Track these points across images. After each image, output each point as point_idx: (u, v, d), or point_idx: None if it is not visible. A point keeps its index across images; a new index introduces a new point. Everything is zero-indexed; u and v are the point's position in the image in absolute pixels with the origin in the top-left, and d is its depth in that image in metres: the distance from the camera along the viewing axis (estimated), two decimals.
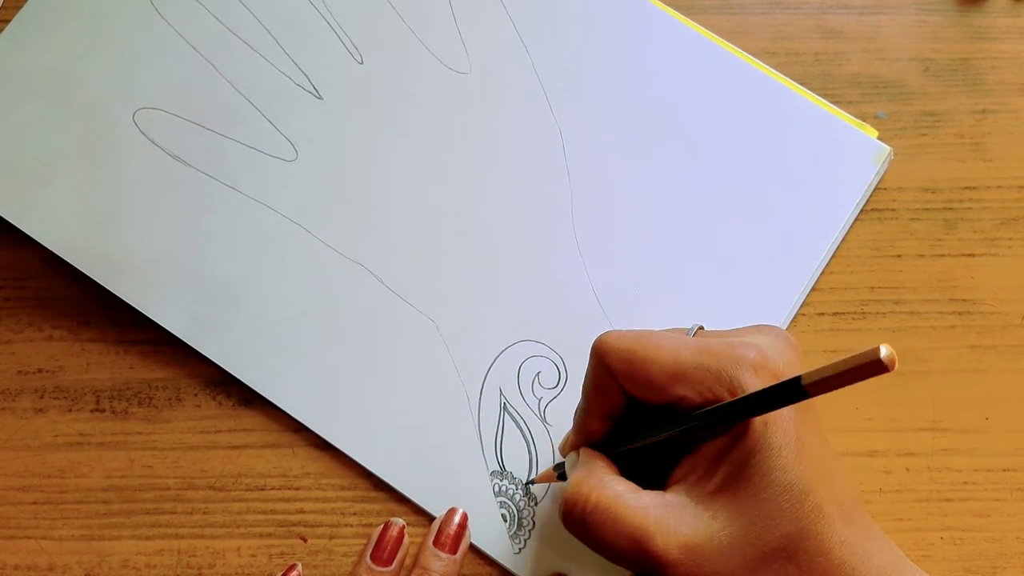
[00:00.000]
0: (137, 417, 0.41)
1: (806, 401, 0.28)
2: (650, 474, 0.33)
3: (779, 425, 0.30)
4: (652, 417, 0.32)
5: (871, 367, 0.24)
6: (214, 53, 0.44)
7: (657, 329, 0.34)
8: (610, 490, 0.31)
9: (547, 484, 0.39)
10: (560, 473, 0.37)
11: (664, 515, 0.30)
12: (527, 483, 0.39)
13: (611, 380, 0.32)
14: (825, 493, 0.30)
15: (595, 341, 0.33)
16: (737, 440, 0.30)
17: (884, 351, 0.24)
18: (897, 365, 0.24)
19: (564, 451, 0.36)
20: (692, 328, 0.34)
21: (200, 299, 0.41)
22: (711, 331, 0.34)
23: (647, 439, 0.32)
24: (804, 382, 0.27)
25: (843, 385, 0.26)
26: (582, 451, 0.34)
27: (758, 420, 0.29)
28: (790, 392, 0.27)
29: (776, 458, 0.29)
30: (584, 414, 0.34)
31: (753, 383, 0.29)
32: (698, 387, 0.30)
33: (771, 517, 0.29)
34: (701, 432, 0.31)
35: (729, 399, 0.30)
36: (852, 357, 0.25)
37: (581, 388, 0.34)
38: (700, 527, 0.30)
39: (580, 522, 0.31)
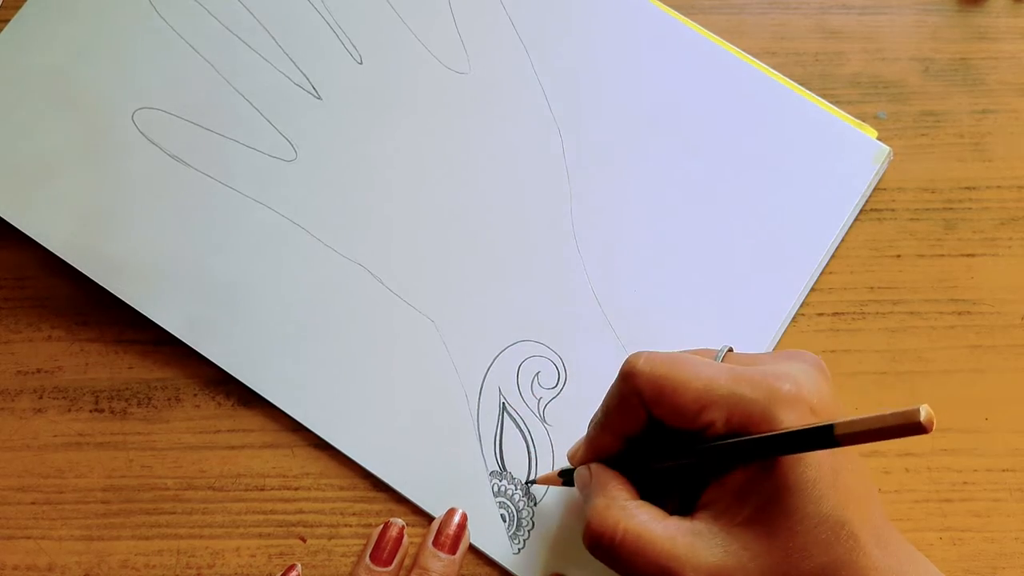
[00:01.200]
0: (136, 417, 0.41)
1: None
2: (665, 494, 0.33)
3: (814, 458, 0.29)
4: (671, 440, 0.32)
5: (908, 428, 0.24)
6: (214, 53, 0.44)
7: (686, 352, 0.33)
8: (636, 520, 0.31)
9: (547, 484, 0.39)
10: (566, 480, 0.37)
11: (693, 543, 0.30)
12: (527, 482, 0.39)
13: (637, 402, 0.32)
14: (859, 521, 0.29)
15: (625, 363, 0.32)
16: (767, 471, 0.30)
17: (923, 413, 0.24)
18: (934, 428, 0.24)
19: (573, 460, 0.36)
20: (721, 351, 0.33)
21: (199, 299, 0.41)
22: (740, 354, 0.34)
23: (670, 463, 0.32)
24: (836, 432, 0.26)
25: (875, 440, 0.26)
26: (595, 469, 0.34)
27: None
28: (821, 439, 0.27)
29: (811, 491, 0.29)
30: (600, 429, 0.34)
31: (788, 418, 0.29)
32: (729, 416, 0.30)
33: (805, 548, 0.29)
34: (726, 463, 0.30)
35: (759, 432, 0.29)
36: (890, 415, 0.25)
37: (602, 403, 0.34)
38: (730, 557, 0.30)
39: (608, 552, 0.31)
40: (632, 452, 0.34)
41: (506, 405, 0.40)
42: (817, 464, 0.29)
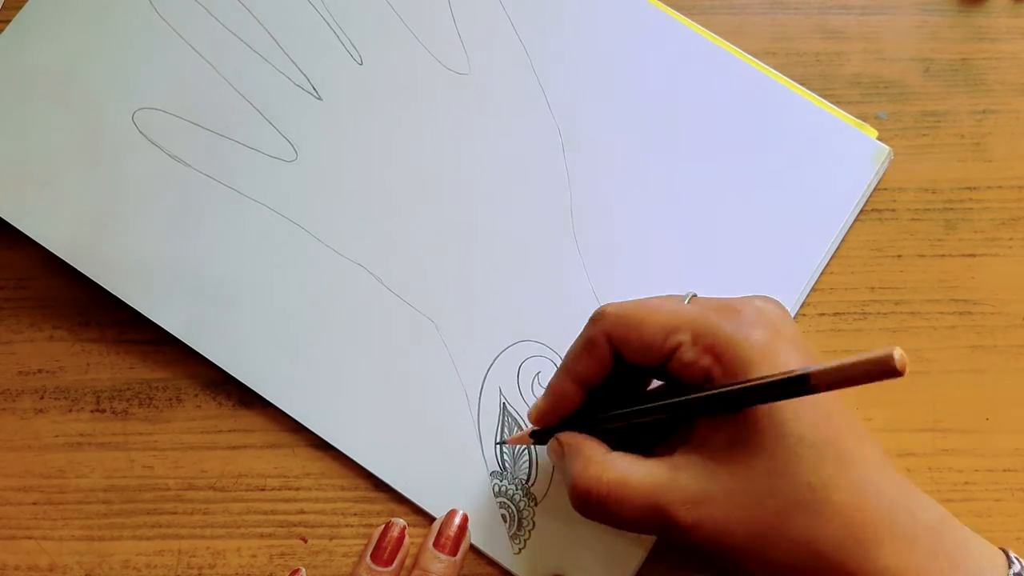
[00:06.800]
0: (137, 417, 0.41)
1: None
2: (640, 440, 0.33)
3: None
4: (633, 389, 0.32)
5: (882, 371, 0.24)
6: (214, 53, 0.44)
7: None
8: (616, 469, 0.31)
9: (548, 484, 0.39)
10: (536, 441, 0.36)
11: (676, 477, 0.30)
12: (498, 443, 0.39)
13: (604, 344, 0.32)
14: (849, 443, 0.29)
15: (595, 311, 0.33)
16: None
17: (897, 355, 0.23)
18: (908, 370, 0.24)
19: (532, 417, 0.35)
20: (687, 296, 0.34)
21: (200, 299, 0.41)
22: (705, 297, 0.34)
23: (641, 417, 0.32)
24: (812, 381, 0.26)
25: (851, 385, 0.25)
26: (564, 437, 0.34)
27: None
28: (795, 386, 0.27)
29: (787, 408, 0.29)
30: (563, 375, 0.34)
31: (755, 335, 0.29)
32: (695, 337, 0.30)
33: (789, 467, 0.28)
34: (701, 414, 0.30)
35: (727, 349, 0.29)
36: (863, 360, 0.24)
37: (567, 352, 0.34)
38: (714, 483, 0.29)
39: (597, 508, 0.31)
40: (590, 407, 0.34)
41: (507, 405, 0.40)
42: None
